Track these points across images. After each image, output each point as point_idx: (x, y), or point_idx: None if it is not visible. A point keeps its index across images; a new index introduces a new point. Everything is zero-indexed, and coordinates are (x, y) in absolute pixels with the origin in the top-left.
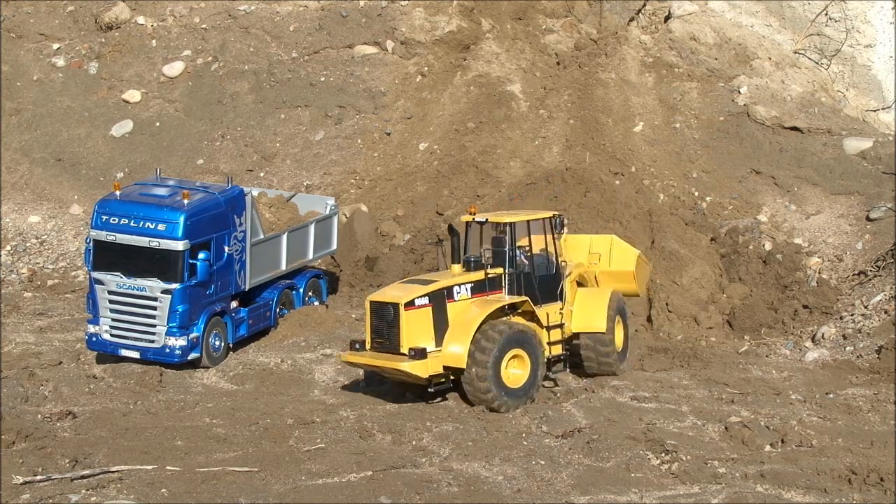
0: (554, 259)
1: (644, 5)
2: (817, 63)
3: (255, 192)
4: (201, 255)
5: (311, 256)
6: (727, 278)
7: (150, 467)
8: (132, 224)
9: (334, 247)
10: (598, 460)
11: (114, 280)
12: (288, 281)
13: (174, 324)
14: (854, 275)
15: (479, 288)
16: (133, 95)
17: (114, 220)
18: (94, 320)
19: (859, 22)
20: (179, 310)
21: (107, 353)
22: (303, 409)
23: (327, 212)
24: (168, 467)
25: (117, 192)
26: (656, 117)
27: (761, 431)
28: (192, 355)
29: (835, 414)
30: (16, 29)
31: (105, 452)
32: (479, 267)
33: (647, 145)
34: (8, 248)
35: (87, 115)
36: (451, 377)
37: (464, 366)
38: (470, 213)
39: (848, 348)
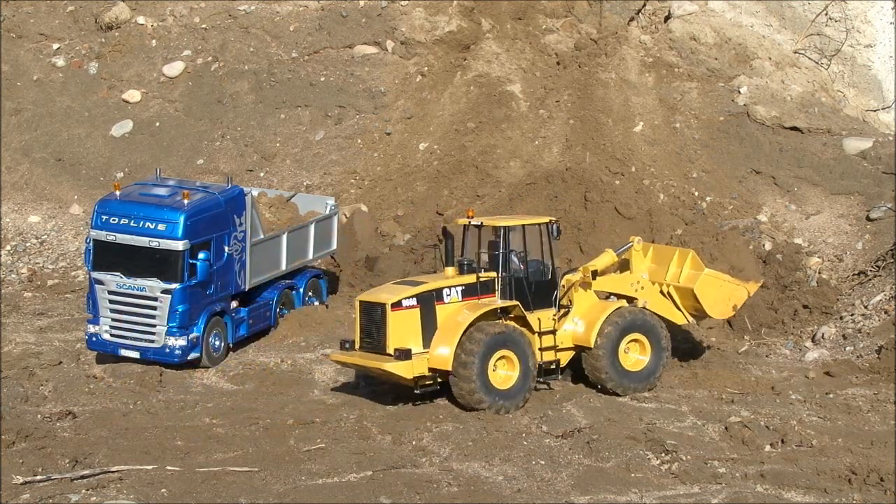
0: (549, 265)
1: (644, 5)
2: (817, 63)
3: (255, 192)
4: (201, 255)
5: (311, 256)
6: None
7: (150, 467)
8: (132, 224)
9: (334, 247)
10: (598, 460)
11: (114, 280)
12: (288, 281)
13: (174, 324)
14: (854, 275)
15: (470, 291)
16: (133, 95)
17: (114, 220)
18: (94, 320)
19: (859, 22)
20: (179, 310)
21: (107, 353)
22: (303, 409)
23: (327, 212)
24: (168, 467)
25: (117, 192)
26: (656, 117)
27: (761, 431)
28: (192, 355)
29: (835, 414)
30: (16, 29)
31: (105, 452)
32: (472, 270)
33: (647, 145)
34: (8, 248)
35: (87, 115)
36: (439, 379)
37: (449, 367)
38: (467, 217)
39: (848, 348)
